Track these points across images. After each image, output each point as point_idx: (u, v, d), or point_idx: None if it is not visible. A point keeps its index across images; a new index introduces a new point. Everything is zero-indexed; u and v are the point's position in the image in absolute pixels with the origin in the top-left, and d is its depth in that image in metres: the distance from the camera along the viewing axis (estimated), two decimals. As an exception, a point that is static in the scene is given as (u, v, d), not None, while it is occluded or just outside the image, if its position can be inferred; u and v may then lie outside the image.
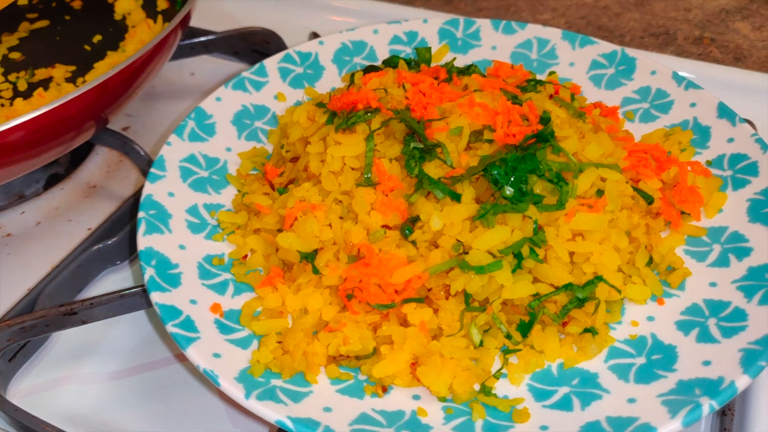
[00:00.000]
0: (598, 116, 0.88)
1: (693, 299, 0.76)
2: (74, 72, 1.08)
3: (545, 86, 0.89)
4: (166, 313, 0.72)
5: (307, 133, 0.85)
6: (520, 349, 0.72)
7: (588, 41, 1.02)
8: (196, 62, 1.22)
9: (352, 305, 0.73)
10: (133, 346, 0.83)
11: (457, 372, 0.69)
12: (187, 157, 0.89)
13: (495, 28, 1.06)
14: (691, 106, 0.93)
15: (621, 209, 0.78)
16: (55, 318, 0.78)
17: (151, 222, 0.81)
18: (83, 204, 1.01)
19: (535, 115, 0.79)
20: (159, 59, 0.97)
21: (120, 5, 1.18)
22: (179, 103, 1.16)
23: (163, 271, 0.76)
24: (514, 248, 0.72)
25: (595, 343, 0.73)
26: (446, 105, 0.80)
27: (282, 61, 1.02)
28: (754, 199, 0.82)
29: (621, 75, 0.99)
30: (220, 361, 0.69)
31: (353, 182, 0.78)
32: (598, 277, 0.74)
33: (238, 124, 0.96)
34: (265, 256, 0.81)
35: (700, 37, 1.22)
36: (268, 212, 0.82)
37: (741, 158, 0.86)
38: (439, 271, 0.72)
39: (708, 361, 0.69)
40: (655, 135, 0.91)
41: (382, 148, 0.78)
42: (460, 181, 0.75)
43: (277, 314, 0.75)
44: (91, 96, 0.85)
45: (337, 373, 0.71)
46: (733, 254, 0.79)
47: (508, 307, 0.74)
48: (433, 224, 0.73)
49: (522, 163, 0.73)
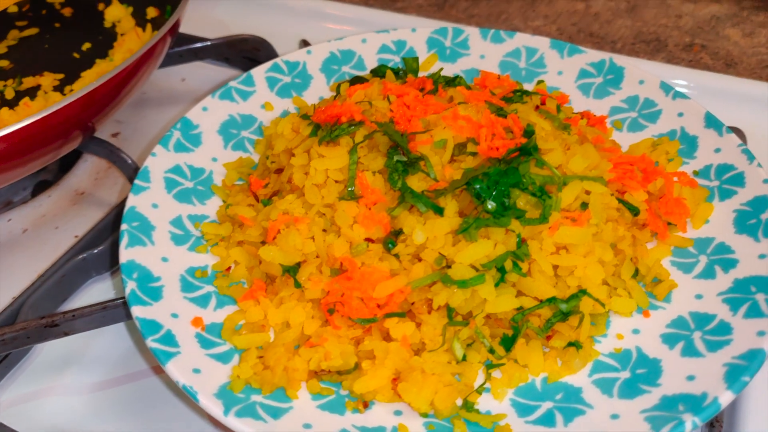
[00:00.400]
0: (584, 126, 0.88)
1: (679, 312, 0.76)
2: (62, 80, 1.07)
3: (531, 97, 0.88)
4: (147, 327, 0.72)
5: (291, 144, 0.85)
6: (503, 364, 0.72)
7: (576, 50, 1.02)
8: (187, 68, 1.22)
9: (334, 319, 0.72)
10: (115, 357, 0.83)
11: (438, 388, 0.69)
12: (172, 167, 0.89)
13: (483, 37, 1.05)
14: (678, 115, 0.92)
15: (606, 221, 0.77)
16: (37, 330, 0.78)
17: (133, 234, 0.80)
18: (71, 211, 1.01)
19: (519, 128, 0.78)
20: (147, 68, 0.97)
21: (110, 13, 1.18)
22: (170, 109, 1.16)
23: (145, 285, 0.76)
24: (497, 262, 0.72)
25: (579, 357, 0.72)
26: (431, 117, 0.80)
27: (270, 71, 1.02)
28: (740, 210, 0.82)
29: (609, 84, 0.99)
30: (200, 376, 0.69)
31: (336, 195, 0.77)
32: (582, 290, 0.73)
33: (224, 134, 0.96)
34: (248, 268, 0.80)
35: (691, 43, 1.21)
36: (251, 224, 0.81)
37: (728, 168, 0.85)
38: (422, 285, 0.72)
39: (692, 376, 0.68)
40: (643, 145, 0.90)
41: (366, 161, 0.78)
42: (443, 195, 0.74)
43: (258, 328, 0.75)
44: (78, 106, 0.85)
45: (318, 388, 0.71)
46: (719, 266, 0.78)
47: (491, 321, 0.74)
48: (416, 238, 0.73)
49: (504, 177, 0.73)
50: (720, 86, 1.09)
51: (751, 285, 0.74)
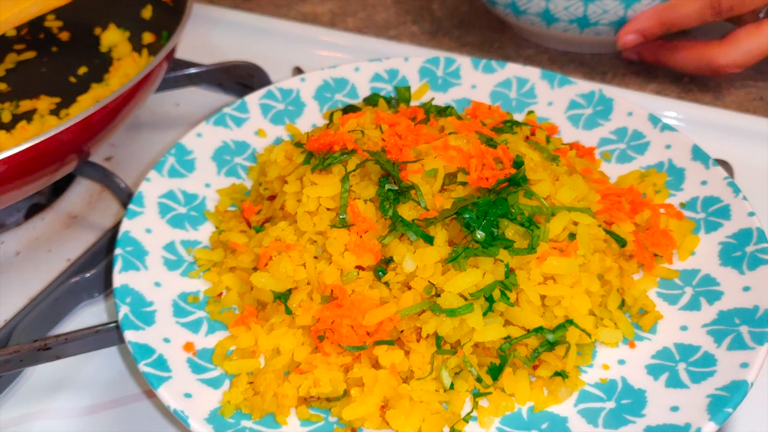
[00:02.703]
0: (573, 157, 0.89)
1: (664, 343, 0.77)
2: (59, 104, 1.09)
3: (521, 128, 0.90)
4: (139, 351, 0.72)
5: (284, 172, 0.86)
6: (490, 392, 0.73)
7: (566, 81, 1.03)
8: (181, 93, 1.23)
9: (324, 346, 0.73)
10: (107, 380, 0.83)
11: (426, 415, 0.69)
12: (165, 193, 0.90)
13: (475, 66, 1.07)
14: (666, 147, 0.94)
15: (593, 252, 0.79)
16: (29, 353, 0.78)
17: (127, 259, 0.81)
18: (64, 234, 1.02)
19: (508, 158, 0.80)
20: (143, 93, 0.98)
21: (106, 38, 1.19)
22: (164, 134, 1.17)
23: (138, 309, 0.77)
24: (485, 291, 0.73)
25: (566, 387, 0.73)
26: (422, 147, 0.81)
27: (264, 98, 1.03)
28: (725, 243, 0.83)
29: (599, 115, 1.00)
30: (191, 401, 0.70)
31: (328, 223, 0.78)
32: (568, 320, 0.74)
33: (218, 160, 0.97)
34: (240, 294, 0.81)
35: (681, 75, 1.23)
36: (243, 250, 0.82)
37: (714, 201, 0.87)
38: (411, 314, 0.73)
39: (676, 407, 0.69)
40: (631, 176, 0.92)
41: (358, 189, 0.79)
42: (434, 224, 0.75)
43: (249, 354, 0.76)
44: (74, 131, 0.86)
45: (308, 414, 0.71)
46: (704, 297, 0.79)
47: (479, 349, 0.74)
48: (406, 266, 0.74)
49: (493, 207, 0.74)
50: (709, 118, 1.10)
51: (735, 317, 0.75)
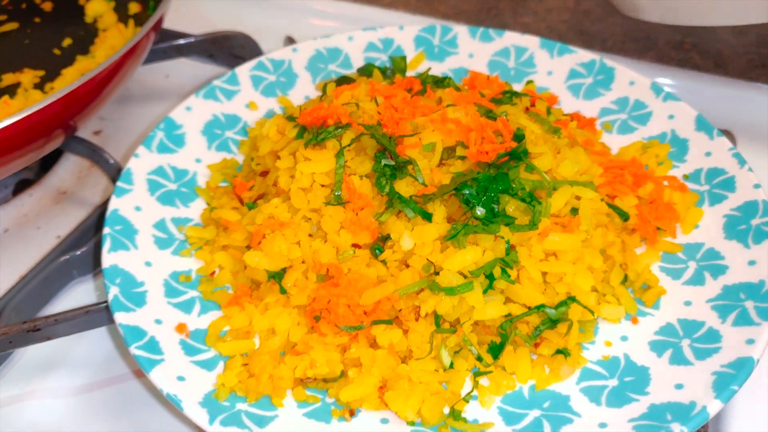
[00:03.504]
0: (574, 129, 0.87)
1: (667, 319, 0.75)
2: (43, 77, 1.05)
3: (521, 98, 0.87)
4: (130, 334, 0.71)
5: (276, 147, 0.83)
6: (491, 371, 0.71)
7: (566, 50, 1.01)
8: (170, 64, 1.20)
9: (320, 326, 0.71)
10: (98, 360, 0.82)
11: (425, 396, 0.68)
12: (155, 169, 0.88)
13: (472, 35, 1.04)
14: (669, 118, 0.91)
15: (596, 227, 0.77)
16: (19, 335, 0.76)
17: (116, 238, 0.79)
18: (53, 211, 0.99)
19: (508, 131, 0.77)
20: (130, 65, 0.95)
21: (91, 7, 1.15)
22: (153, 106, 1.14)
23: (128, 290, 0.75)
24: (485, 269, 0.71)
25: (567, 365, 0.72)
26: (419, 120, 0.79)
27: (254, 69, 1.00)
28: (730, 215, 0.81)
29: (599, 85, 0.98)
30: (184, 384, 0.68)
31: (323, 199, 0.76)
32: (570, 297, 0.72)
33: (208, 135, 0.94)
34: (233, 273, 0.79)
35: (681, 42, 1.20)
36: (236, 228, 0.80)
37: (718, 173, 0.85)
38: (410, 292, 0.71)
39: (680, 385, 0.68)
40: (633, 148, 0.90)
41: (353, 165, 0.77)
42: (432, 200, 0.73)
43: (243, 335, 0.74)
44: (59, 106, 0.83)
45: (304, 396, 0.70)
46: (709, 272, 0.78)
47: (479, 328, 0.73)
48: (403, 244, 0.72)
49: (494, 183, 0.72)
50: (709, 87, 1.08)
51: (741, 292, 0.74)
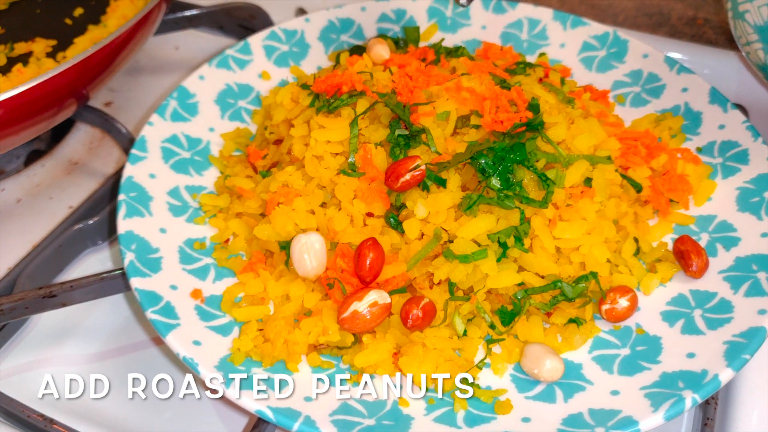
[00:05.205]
0: (588, 101, 0.87)
1: (679, 290, 0.76)
2: (55, 47, 1.05)
3: (535, 69, 0.87)
4: (146, 299, 0.71)
5: (290, 115, 0.83)
6: (503, 339, 0.72)
7: (579, 22, 1.00)
8: (180, 36, 1.20)
9: (334, 294, 0.72)
10: (114, 328, 0.82)
11: (439, 362, 0.68)
12: (169, 137, 0.88)
13: (485, 6, 1.04)
14: (682, 91, 0.91)
15: (609, 198, 0.77)
16: (34, 301, 0.77)
17: (131, 205, 0.79)
18: (65, 181, 1.00)
19: (523, 101, 0.77)
20: (141, 35, 0.95)
21: (102, -23, 1.15)
22: (163, 78, 1.14)
23: (144, 256, 0.75)
24: (499, 236, 0.71)
25: (580, 334, 0.72)
26: (433, 89, 0.78)
27: (267, 39, 1.00)
28: (743, 188, 0.81)
29: (612, 57, 0.97)
30: (200, 348, 0.69)
31: (337, 168, 0.76)
32: (592, 273, 0.72)
33: (221, 104, 0.94)
34: (247, 240, 0.79)
35: (694, 17, 1.20)
36: (250, 196, 0.80)
37: (731, 146, 0.85)
38: (423, 257, 0.71)
39: (692, 354, 0.68)
40: (646, 120, 0.90)
41: (367, 133, 0.77)
42: (446, 168, 0.73)
43: (258, 301, 0.74)
44: (72, 73, 0.83)
45: (319, 361, 0.70)
46: (721, 244, 0.78)
47: (492, 296, 0.73)
48: (418, 212, 0.72)
49: (510, 153, 0.71)
50: (723, 62, 1.08)
51: (753, 263, 0.74)
